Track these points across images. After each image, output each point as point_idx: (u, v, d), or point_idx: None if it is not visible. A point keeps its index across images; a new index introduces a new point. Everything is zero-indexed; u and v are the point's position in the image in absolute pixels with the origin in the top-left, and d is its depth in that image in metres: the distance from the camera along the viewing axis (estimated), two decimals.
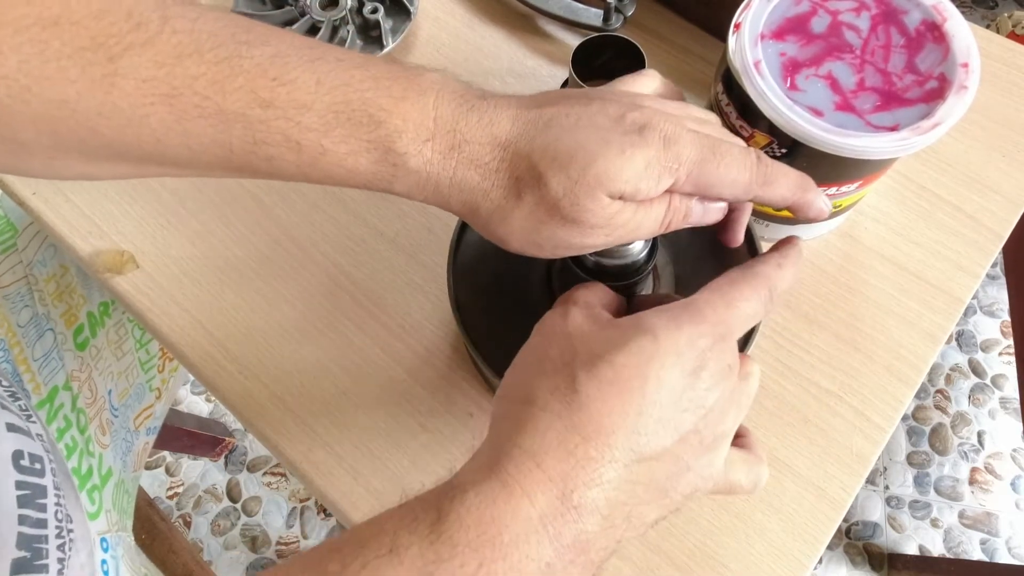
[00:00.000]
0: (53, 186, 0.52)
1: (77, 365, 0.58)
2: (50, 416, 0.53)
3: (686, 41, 0.56)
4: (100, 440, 0.58)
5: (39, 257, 0.58)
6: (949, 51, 0.37)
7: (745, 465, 0.30)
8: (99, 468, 0.56)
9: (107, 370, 0.62)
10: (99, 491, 0.54)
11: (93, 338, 0.61)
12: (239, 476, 1.21)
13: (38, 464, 0.44)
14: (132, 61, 0.26)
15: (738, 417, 0.28)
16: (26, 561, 0.40)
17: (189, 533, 1.18)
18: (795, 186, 0.30)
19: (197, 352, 0.46)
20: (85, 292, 0.61)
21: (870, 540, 1.13)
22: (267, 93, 0.27)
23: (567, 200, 0.27)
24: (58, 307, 0.58)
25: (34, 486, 0.42)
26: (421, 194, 0.29)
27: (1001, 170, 0.49)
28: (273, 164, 0.28)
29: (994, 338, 1.27)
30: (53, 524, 0.43)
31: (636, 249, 0.35)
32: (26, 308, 0.55)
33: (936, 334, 0.45)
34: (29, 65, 0.25)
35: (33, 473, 0.43)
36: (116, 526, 0.55)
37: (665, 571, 0.40)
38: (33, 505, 0.42)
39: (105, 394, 0.61)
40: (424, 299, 0.47)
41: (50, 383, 0.54)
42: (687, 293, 0.40)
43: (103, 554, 0.50)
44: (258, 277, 0.49)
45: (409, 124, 0.27)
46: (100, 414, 0.59)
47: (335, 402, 0.45)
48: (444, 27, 0.57)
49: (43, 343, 0.55)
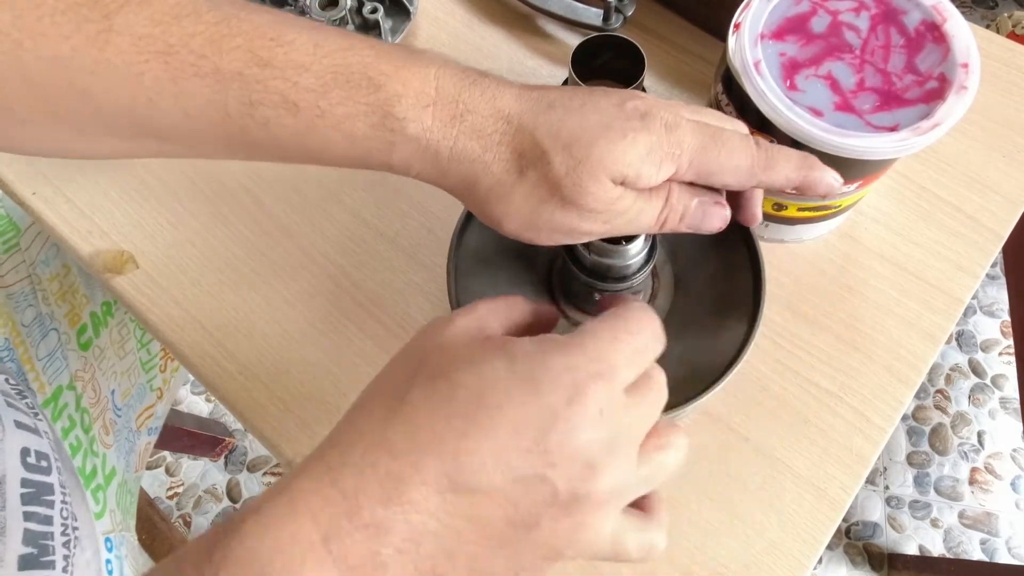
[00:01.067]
0: (53, 186, 0.52)
1: (81, 365, 0.58)
2: (55, 415, 0.53)
3: (686, 41, 0.56)
4: (104, 440, 0.58)
5: (42, 256, 0.58)
6: (949, 51, 0.37)
7: (637, 533, 0.25)
8: (103, 468, 0.56)
9: (110, 370, 0.62)
10: (103, 491, 0.54)
11: (96, 338, 0.61)
12: (239, 476, 1.21)
13: (44, 462, 0.44)
14: (128, 19, 0.25)
15: (626, 484, 0.24)
16: (33, 557, 0.40)
17: (189, 533, 1.18)
18: (798, 167, 0.30)
19: (197, 352, 0.46)
20: (88, 292, 0.61)
21: (870, 540, 1.13)
22: (265, 53, 0.26)
23: (569, 180, 0.27)
24: (61, 307, 0.58)
25: (40, 484, 0.43)
26: (419, 164, 0.29)
27: (1001, 170, 0.49)
28: (270, 130, 0.28)
29: (994, 338, 1.27)
30: (59, 522, 0.43)
31: (635, 249, 0.35)
32: (30, 307, 0.55)
33: (936, 334, 0.45)
34: (23, 20, 0.25)
35: (39, 471, 0.43)
36: (120, 526, 0.55)
37: (665, 571, 0.40)
38: (39, 502, 0.42)
39: (108, 394, 0.61)
40: (424, 299, 0.47)
41: (55, 383, 0.54)
42: (687, 293, 0.40)
43: (108, 553, 0.50)
44: (258, 277, 0.49)
45: (409, 90, 0.27)
46: (104, 414, 0.59)
47: (335, 402, 0.45)
48: (444, 27, 0.57)
49: (47, 343, 0.55)
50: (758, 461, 0.42)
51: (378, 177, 0.52)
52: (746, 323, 0.39)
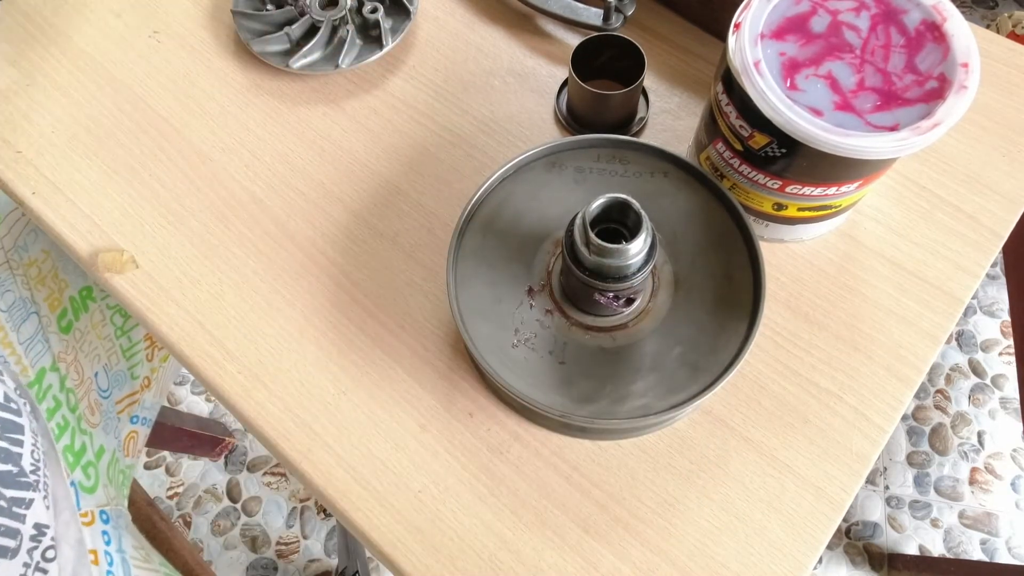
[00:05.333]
0: (53, 186, 0.52)
1: (63, 347, 0.59)
2: (40, 396, 0.54)
3: (686, 41, 0.56)
4: (90, 419, 0.59)
5: (20, 242, 0.59)
6: (949, 51, 0.37)
7: None
8: (92, 445, 0.57)
9: (92, 352, 0.63)
10: (94, 466, 0.55)
11: (76, 321, 0.62)
12: (239, 476, 1.21)
13: (14, 404, 0.45)
14: None
15: None
16: (10, 475, 0.41)
17: (189, 533, 1.18)
18: None
19: (197, 352, 0.46)
20: (67, 277, 0.63)
21: (870, 540, 1.13)
22: None
23: None
24: (41, 291, 0.60)
25: (6, 421, 0.43)
26: None
27: (1001, 170, 0.49)
28: None
29: (994, 338, 1.27)
30: (29, 461, 0.44)
31: (635, 249, 0.35)
32: (8, 292, 0.56)
33: (936, 334, 0.45)
34: None
35: (8, 411, 0.44)
36: (114, 500, 0.56)
37: (665, 571, 0.40)
38: (4, 439, 0.43)
39: (92, 376, 0.62)
40: (424, 299, 0.47)
41: (37, 365, 0.56)
42: (687, 293, 0.40)
43: (104, 525, 0.51)
44: (258, 277, 0.49)
45: None
46: (88, 395, 0.61)
47: (335, 402, 0.45)
48: (444, 27, 0.58)
49: (28, 326, 0.57)
50: (758, 461, 0.42)
51: (378, 177, 0.52)
52: (746, 323, 0.39)
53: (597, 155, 0.44)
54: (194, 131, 0.54)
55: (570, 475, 0.42)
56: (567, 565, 0.40)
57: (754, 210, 0.45)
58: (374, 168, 0.52)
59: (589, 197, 0.35)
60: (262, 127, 0.54)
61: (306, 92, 0.55)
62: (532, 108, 0.54)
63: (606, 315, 0.39)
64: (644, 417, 0.37)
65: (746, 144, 0.40)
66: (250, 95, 0.55)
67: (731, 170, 0.43)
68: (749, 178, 0.42)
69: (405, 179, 0.51)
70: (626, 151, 0.44)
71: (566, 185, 0.43)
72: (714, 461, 0.42)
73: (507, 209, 0.43)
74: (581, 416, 0.37)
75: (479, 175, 0.51)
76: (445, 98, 0.54)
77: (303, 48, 0.54)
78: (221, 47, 0.57)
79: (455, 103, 0.54)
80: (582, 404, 0.38)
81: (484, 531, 0.41)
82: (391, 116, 0.54)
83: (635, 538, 0.41)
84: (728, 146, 0.42)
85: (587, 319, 0.40)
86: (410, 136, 0.53)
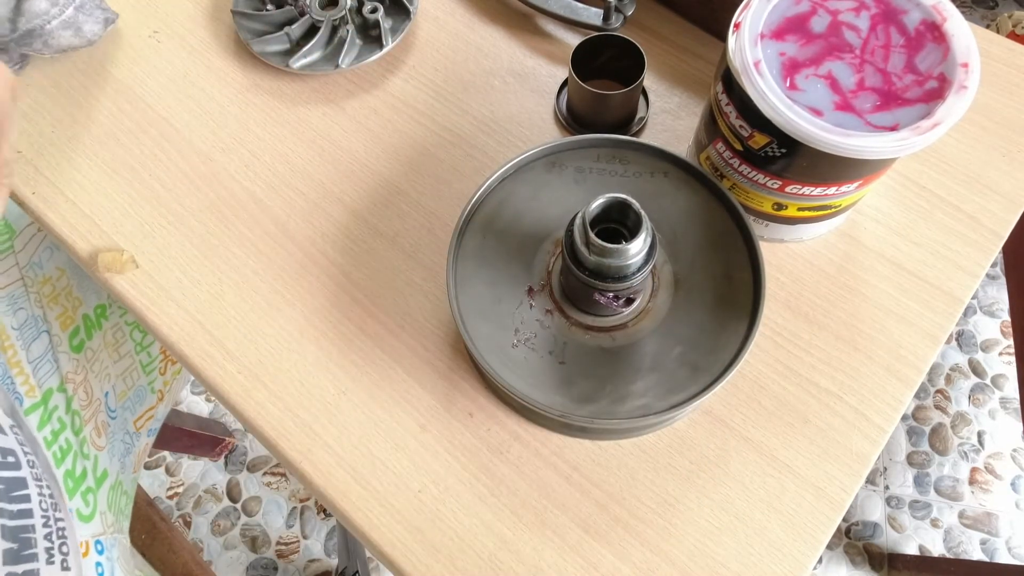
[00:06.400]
0: (53, 186, 0.52)
1: (72, 367, 0.58)
2: (43, 419, 0.53)
3: (686, 41, 0.56)
4: (95, 442, 0.58)
5: (36, 259, 0.58)
6: (949, 51, 0.37)
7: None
8: (94, 470, 0.56)
9: (103, 372, 0.62)
10: (93, 493, 0.54)
11: (89, 340, 0.61)
12: (239, 476, 1.21)
13: (11, 458, 0.44)
14: None
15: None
16: (15, 552, 0.40)
17: (189, 533, 1.18)
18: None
19: (197, 352, 0.46)
20: (81, 295, 0.61)
21: (870, 540, 1.13)
22: None
23: None
24: (54, 309, 0.58)
25: (8, 480, 0.43)
26: None
27: (1001, 170, 0.49)
28: None
29: (994, 338, 1.27)
30: (39, 514, 0.43)
31: (635, 249, 0.35)
32: (21, 310, 0.55)
33: (936, 334, 0.45)
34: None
35: (6, 467, 0.43)
36: (112, 528, 0.55)
37: (665, 571, 0.40)
38: (8, 499, 0.42)
39: (101, 396, 0.61)
40: (424, 299, 0.47)
41: (45, 385, 0.55)
42: (687, 293, 0.40)
43: (98, 556, 0.50)
44: (258, 277, 0.49)
45: None
46: (96, 416, 0.59)
47: (335, 402, 0.45)
48: (444, 27, 0.58)
49: (39, 345, 0.55)
50: (758, 461, 0.42)
51: (378, 177, 0.52)
52: (746, 323, 0.39)
53: (597, 155, 0.44)
54: (194, 131, 0.54)
55: (570, 475, 0.42)
56: (567, 565, 0.40)
57: (754, 210, 0.45)
58: (374, 168, 0.52)
59: (589, 197, 0.35)
60: (262, 127, 0.54)
61: (306, 92, 0.55)
62: (532, 108, 0.54)
63: (606, 315, 0.39)
64: (644, 417, 0.37)
65: (746, 144, 0.40)
66: (250, 95, 0.55)
67: (731, 170, 0.43)
68: (749, 178, 0.42)
69: (405, 179, 0.51)
70: (626, 151, 0.44)
71: (566, 185, 0.43)
72: (714, 461, 0.42)
73: (507, 209, 0.43)
74: (581, 416, 0.37)
75: (479, 175, 0.51)
76: (445, 98, 0.54)
77: (303, 48, 0.54)
78: (221, 47, 0.57)
79: (455, 103, 0.54)
80: (582, 404, 0.38)
81: (484, 531, 0.41)
82: (391, 116, 0.54)
83: (635, 538, 0.41)
84: (728, 146, 0.42)
85: (587, 319, 0.40)
86: (410, 136, 0.53)
